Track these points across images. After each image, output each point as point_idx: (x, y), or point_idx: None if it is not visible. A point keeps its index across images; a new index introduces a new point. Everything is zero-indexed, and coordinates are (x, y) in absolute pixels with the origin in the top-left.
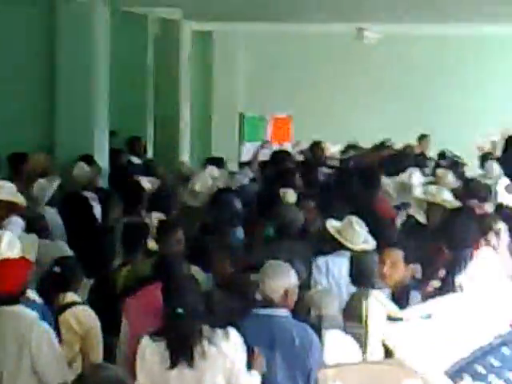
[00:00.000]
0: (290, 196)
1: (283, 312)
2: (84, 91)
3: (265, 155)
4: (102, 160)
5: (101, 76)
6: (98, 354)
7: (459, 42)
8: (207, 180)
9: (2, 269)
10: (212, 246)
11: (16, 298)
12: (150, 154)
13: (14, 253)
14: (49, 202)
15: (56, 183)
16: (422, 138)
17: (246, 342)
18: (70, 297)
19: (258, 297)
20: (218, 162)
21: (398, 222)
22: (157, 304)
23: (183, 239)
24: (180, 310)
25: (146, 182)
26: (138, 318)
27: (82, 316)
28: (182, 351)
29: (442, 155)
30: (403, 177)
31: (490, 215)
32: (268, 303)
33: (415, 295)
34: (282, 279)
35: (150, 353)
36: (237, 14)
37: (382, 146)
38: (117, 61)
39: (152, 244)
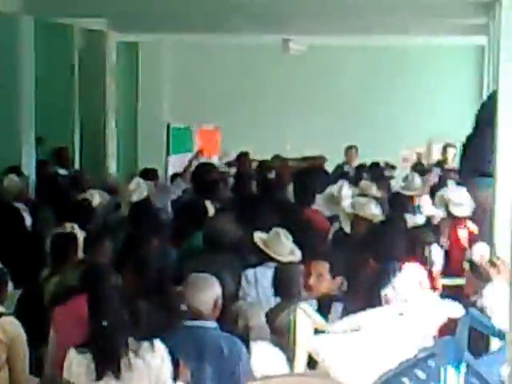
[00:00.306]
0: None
1: (211, 324)
2: (9, 103)
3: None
4: (29, 171)
5: (26, 87)
6: (24, 364)
7: (384, 53)
8: (143, 191)
9: None
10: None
11: None
12: (76, 165)
13: None
14: None
15: None
16: (349, 149)
17: (173, 354)
18: None
19: (184, 308)
20: (152, 174)
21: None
22: (84, 315)
23: (110, 250)
24: (105, 323)
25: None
26: (66, 329)
27: (7, 325)
28: (107, 363)
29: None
30: (333, 189)
31: (420, 228)
32: (196, 315)
33: (337, 307)
34: (210, 291)
35: (77, 364)
36: (162, 25)
37: (307, 158)
38: (42, 72)
39: (80, 255)
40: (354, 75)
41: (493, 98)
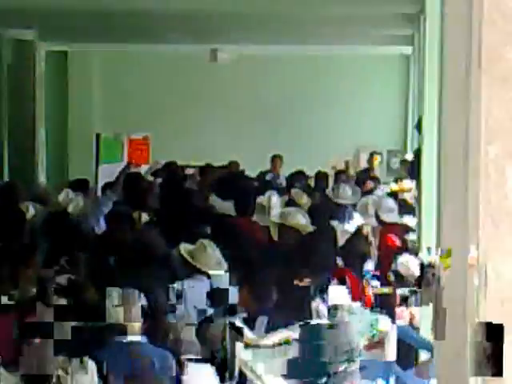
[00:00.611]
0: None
1: (141, 338)
2: None
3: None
4: None
5: None
6: None
7: (312, 62)
8: (79, 202)
9: None
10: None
11: None
12: (5, 176)
13: None
14: None
15: None
16: (274, 158)
17: (105, 370)
18: None
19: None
20: (83, 185)
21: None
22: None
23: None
24: (37, 341)
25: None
26: None
27: None
28: (37, 382)
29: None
30: (262, 199)
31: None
32: (124, 331)
33: (262, 321)
34: (138, 306)
35: (5, 382)
36: (91, 35)
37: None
38: None
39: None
40: (281, 84)
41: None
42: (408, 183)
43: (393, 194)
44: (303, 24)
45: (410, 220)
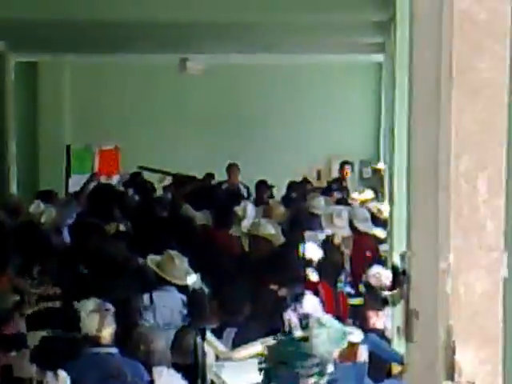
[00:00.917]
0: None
1: (113, 349)
2: None
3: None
4: None
5: None
6: None
7: (283, 71)
8: (52, 213)
9: None
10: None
11: None
12: None
13: None
14: None
15: None
16: (231, 166)
17: (77, 381)
18: None
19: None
20: (49, 195)
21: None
22: None
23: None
24: (13, 353)
25: None
26: None
27: None
28: None
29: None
30: (237, 209)
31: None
32: (96, 342)
33: (230, 332)
34: (113, 318)
35: None
36: (62, 46)
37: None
38: None
39: None
40: (253, 94)
41: None
42: (369, 194)
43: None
44: (275, 33)
45: (377, 231)
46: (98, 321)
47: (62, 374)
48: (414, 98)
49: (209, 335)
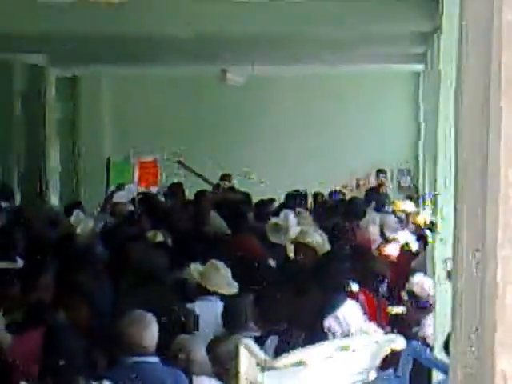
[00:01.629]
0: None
1: (153, 359)
2: None
3: (121, 197)
4: None
5: None
6: None
7: (321, 82)
8: (88, 224)
9: None
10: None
11: None
12: (17, 200)
13: None
14: None
15: None
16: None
17: None
18: None
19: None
20: (78, 207)
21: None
22: (36, 350)
23: (50, 285)
24: (62, 362)
25: None
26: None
27: None
28: None
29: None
30: (278, 218)
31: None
32: (139, 351)
33: (272, 340)
34: (153, 327)
35: None
36: (101, 59)
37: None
38: None
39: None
40: (291, 104)
41: None
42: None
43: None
44: (315, 44)
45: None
46: (139, 330)
47: (106, 383)
48: (461, 108)
49: (250, 343)
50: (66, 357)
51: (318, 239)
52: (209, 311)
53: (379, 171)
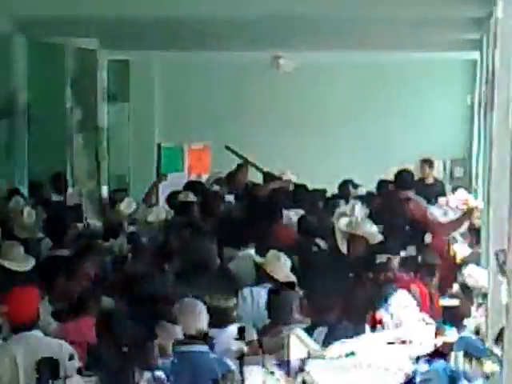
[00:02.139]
0: None
1: (203, 348)
2: (2, 123)
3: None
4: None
5: (18, 108)
6: None
7: (375, 69)
8: (160, 211)
9: None
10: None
11: None
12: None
13: None
14: None
15: None
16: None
17: (168, 379)
18: None
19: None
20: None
21: None
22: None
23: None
24: (125, 349)
25: None
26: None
27: None
28: None
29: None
30: (345, 208)
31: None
32: (189, 340)
33: (321, 331)
34: (204, 316)
35: None
36: (153, 43)
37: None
38: (35, 92)
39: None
40: (344, 92)
41: None
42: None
43: None
44: (366, 30)
45: None
46: (190, 319)
47: (160, 375)
48: None
49: (301, 333)
50: (126, 344)
51: (371, 229)
52: (263, 298)
53: (424, 161)
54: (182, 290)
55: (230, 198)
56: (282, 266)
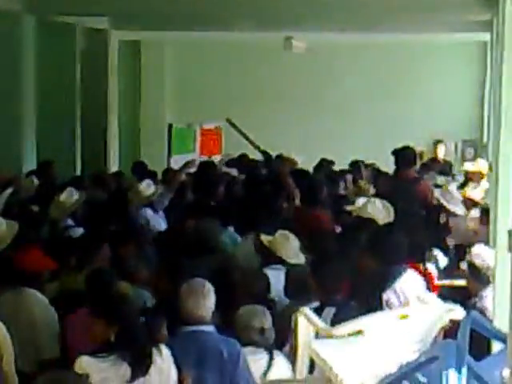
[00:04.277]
0: None
1: (210, 327)
2: (11, 101)
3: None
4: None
5: (28, 86)
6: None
7: (386, 50)
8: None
9: None
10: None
11: None
12: (77, 164)
13: None
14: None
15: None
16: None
17: (175, 359)
18: None
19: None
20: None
21: None
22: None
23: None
24: (133, 328)
25: None
26: (76, 337)
27: None
28: (140, 366)
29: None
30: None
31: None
32: (196, 320)
33: (329, 311)
34: (212, 297)
35: (98, 371)
36: (164, 23)
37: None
38: (44, 72)
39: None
40: (356, 73)
41: None
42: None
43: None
44: (377, 11)
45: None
46: (197, 299)
47: (165, 349)
48: None
49: (309, 312)
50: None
51: (381, 210)
52: (275, 279)
53: (437, 142)
54: (193, 272)
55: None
56: (290, 247)
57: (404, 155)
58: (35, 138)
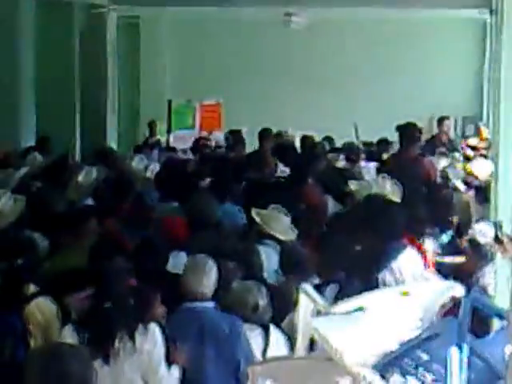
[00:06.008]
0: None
1: (209, 304)
2: (10, 81)
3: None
4: None
5: (26, 65)
6: None
7: (385, 26)
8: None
9: None
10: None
11: None
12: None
13: None
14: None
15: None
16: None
17: (174, 335)
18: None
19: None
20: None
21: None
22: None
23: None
24: (108, 305)
25: None
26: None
27: (44, 306)
28: (100, 346)
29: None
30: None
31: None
32: (196, 297)
33: (332, 288)
34: (213, 273)
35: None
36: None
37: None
38: (43, 49)
39: None
40: (356, 48)
41: None
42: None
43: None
44: None
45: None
46: (198, 276)
47: (153, 327)
48: None
49: (309, 289)
50: (115, 299)
51: (387, 188)
52: (268, 256)
53: (442, 118)
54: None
55: None
56: (281, 223)
57: (408, 131)
58: (35, 112)
